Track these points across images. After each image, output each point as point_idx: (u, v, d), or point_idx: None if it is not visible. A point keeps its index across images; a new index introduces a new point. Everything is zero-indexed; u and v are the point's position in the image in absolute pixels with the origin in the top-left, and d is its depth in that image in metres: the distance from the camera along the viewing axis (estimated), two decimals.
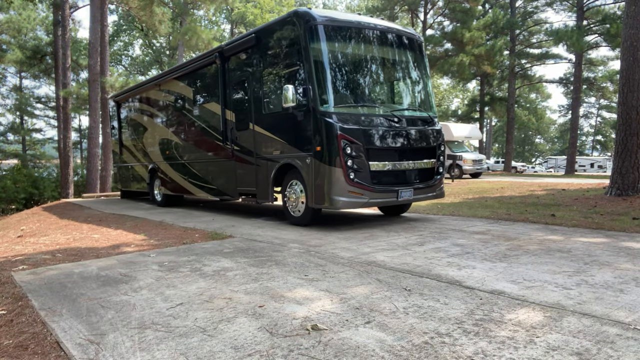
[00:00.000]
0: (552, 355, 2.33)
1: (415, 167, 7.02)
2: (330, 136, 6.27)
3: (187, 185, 10.40)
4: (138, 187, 13.27)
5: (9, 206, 24.46)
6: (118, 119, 14.23)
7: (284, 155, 7.15)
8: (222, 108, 8.70)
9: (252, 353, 2.46)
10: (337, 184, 6.26)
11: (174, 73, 10.69)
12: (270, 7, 32.25)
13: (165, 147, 11.28)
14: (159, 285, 3.86)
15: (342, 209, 6.65)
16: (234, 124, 8.45)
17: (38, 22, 30.26)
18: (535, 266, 4.21)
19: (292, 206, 7.20)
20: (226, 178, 8.88)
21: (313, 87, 6.44)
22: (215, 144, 9.11)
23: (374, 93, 7.52)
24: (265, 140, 7.58)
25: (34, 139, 40.72)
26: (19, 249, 6.17)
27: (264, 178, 7.64)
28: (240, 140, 8.27)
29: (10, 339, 2.84)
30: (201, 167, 9.78)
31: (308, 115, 6.54)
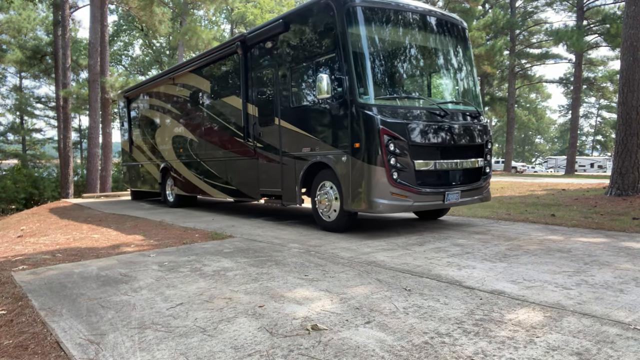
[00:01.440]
0: (552, 355, 2.33)
1: (463, 167, 6.36)
2: (371, 131, 5.64)
3: (202, 186, 9.81)
4: (149, 187, 12.66)
5: (9, 206, 24.46)
6: (128, 115, 13.58)
7: (315, 153, 6.49)
8: (244, 102, 8.05)
9: (252, 353, 2.45)
10: (378, 185, 5.64)
11: (190, 65, 9.99)
12: (270, 7, 32.26)
13: (179, 145, 10.64)
14: (159, 285, 3.86)
15: (384, 213, 6.06)
16: (256, 119, 7.79)
17: (38, 22, 30.26)
18: (535, 266, 4.21)
19: (324, 210, 6.54)
20: (247, 178, 8.25)
21: (351, 76, 5.81)
22: (235, 140, 8.46)
23: (416, 83, 6.89)
24: (293, 136, 6.91)
25: (34, 139, 40.73)
26: (19, 249, 6.17)
27: (291, 178, 7.01)
28: (264, 136, 7.62)
29: (10, 339, 2.84)
30: (219, 166, 9.17)
31: (344, 108, 5.92)
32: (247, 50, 8.02)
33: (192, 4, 25.88)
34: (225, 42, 8.81)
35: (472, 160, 6.52)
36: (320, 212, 6.64)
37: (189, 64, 10.04)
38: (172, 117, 10.97)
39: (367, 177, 5.69)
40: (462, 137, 6.42)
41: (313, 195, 6.72)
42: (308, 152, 6.64)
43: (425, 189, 5.91)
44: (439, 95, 6.89)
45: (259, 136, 7.75)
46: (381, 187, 5.66)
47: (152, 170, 12.25)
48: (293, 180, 6.97)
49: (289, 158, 7.07)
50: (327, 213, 6.50)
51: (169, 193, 11.41)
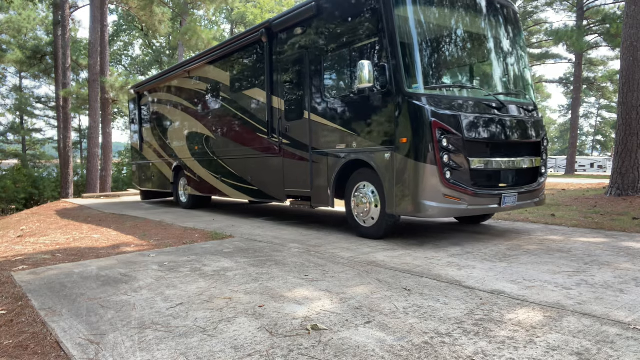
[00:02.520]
0: (552, 355, 2.33)
1: (520, 166, 5.76)
2: (421, 124, 5.04)
3: (219, 186, 9.16)
4: (160, 187, 11.99)
5: (9, 206, 24.46)
6: (138, 111, 12.85)
7: (352, 150, 5.90)
8: (268, 95, 7.46)
9: (252, 353, 2.46)
10: (428, 186, 5.05)
11: (207, 57, 9.33)
12: (270, 7, 32.26)
13: (194, 142, 10.01)
14: (159, 285, 3.86)
15: (433, 217, 5.54)
16: (282, 113, 7.18)
17: (38, 22, 30.25)
18: (535, 266, 4.21)
19: (362, 214, 5.90)
20: (270, 177, 7.62)
21: (397, 63, 5.21)
22: (257, 137, 7.86)
23: (468, 72, 6.32)
24: (326, 131, 6.32)
25: (34, 139, 40.72)
26: (19, 249, 6.17)
27: (322, 178, 6.41)
28: (291, 132, 7.01)
29: (10, 339, 2.84)
30: (238, 165, 8.53)
31: (389, 98, 5.33)
32: (272, 37, 7.39)
33: (192, 4, 25.88)
34: (248, 30, 8.14)
35: (529, 158, 5.90)
36: (357, 216, 6.01)
37: (206, 56, 9.41)
38: (187, 113, 10.33)
39: (415, 176, 5.11)
40: (520, 133, 5.81)
41: (348, 197, 6.10)
42: (343, 149, 6.05)
43: (481, 191, 5.30)
44: (493, 85, 6.19)
45: (285, 132, 7.14)
46: (432, 188, 5.06)
47: (163, 169, 11.63)
48: (324, 180, 6.39)
49: (319, 155, 6.46)
50: (365, 217, 5.86)
51: (182, 193, 10.85)
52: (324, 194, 6.43)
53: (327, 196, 6.35)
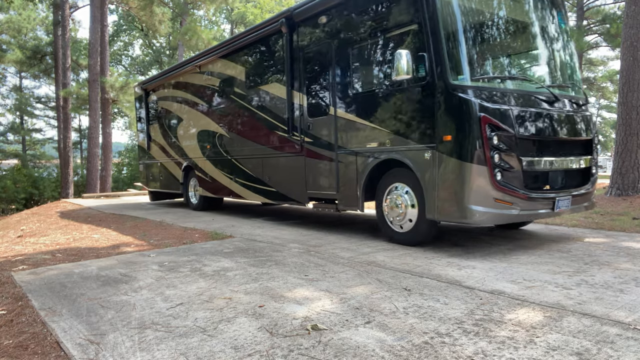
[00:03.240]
0: (552, 355, 2.33)
1: (573, 167, 5.26)
2: (468, 120, 4.54)
3: (233, 187, 8.68)
4: (169, 188, 11.51)
5: (9, 206, 24.47)
6: (146, 109, 12.37)
7: (385, 149, 5.41)
8: (288, 90, 6.95)
9: (252, 353, 2.46)
10: (476, 189, 4.53)
11: (219, 50, 8.80)
12: (270, 7, 32.27)
13: (206, 141, 9.49)
14: (159, 285, 3.86)
15: (481, 224, 4.89)
16: (304, 110, 6.68)
17: (38, 22, 30.25)
18: (535, 266, 4.21)
19: (396, 218, 5.39)
20: (291, 178, 7.12)
21: (440, 51, 4.73)
22: (275, 135, 7.37)
23: (516, 62, 5.88)
24: (354, 128, 5.84)
25: (34, 139, 40.71)
26: (19, 249, 6.17)
27: (350, 179, 5.93)
28: (314, 129, 6.51)
29: (10, 339, 2.84)
30: (254, 165, 8.00)
31: (430, 91, 4.83)
32: (293, 28, 6.83)
33: (192, 4, 25.87)
34: (266, 20, 7.58)
35: (582, 158, 5.39)
36: (390, 220, 5.50)
37: (219, 49, 8.88)
38: (198, 110, 9.80)
39: (461, 178, 4.58)
40: (573, 130, 5.32)
41: (379, 199, 5.61)
42: (375, 148, 5.56)
43: (534, 194, 4.79)
44: (543, 76, 5.70)
45: (307, 129, 6.63)
46: (480, 191, 4.55)
47: (172, 169, 11.14)
48: (353, 182, 5.88)
49: (347, 155, 5.96)
50: (400, 222, 5.35)
51: (192, 194, 10.39)
52: (352, 197, 5.93)
53: (356, 199, 5.85)
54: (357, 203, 5.87)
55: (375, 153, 5.57)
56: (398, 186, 5.39)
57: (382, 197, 5.59)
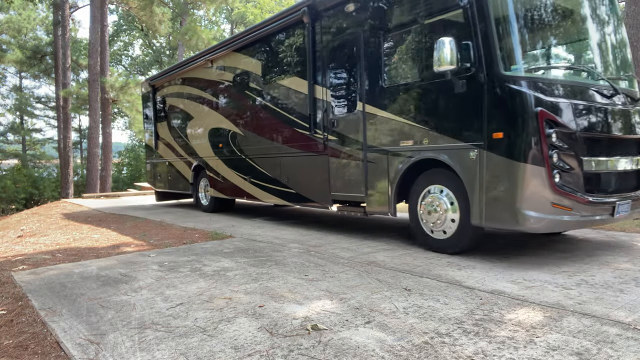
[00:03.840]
0: (552, 355, 2.33)
1: (633, 168, 4.81)
2: (524, 115, 4.10)
3: (247, 187, 8.20)
4: (178, 188, 11.06)
5: (9, 206, 24.47)
6: (154, 106, 11.86)
7: (422, 147, 4.96)
8: (310, 84, 6.48)
9: (252, 353, 2.46)
10: (532, 192, 4.09)
11: (233, 43, 8.34)
12: (270, 7, 32.28)
13: (218, 139, 9.03)
14: (159, 285, 3.86)
15: (537, 231, 4.32)
16: (328, 105, 6.22)
17: (38, 22, 30.25)
18: (535, 266, 4.21)
19: (434, 223, 4.91)
20: (312, 179, 6.65)
21: (490, 39, 4.28)
22: (295, 132, 6.89)
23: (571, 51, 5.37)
24: (386, 125, 5.39)
25: (34, 139, 40.70)
26: (19, 249, 6.17)
27: (381, 180, 5.47)
28: (340, 126, 6.05)
29: (10, 339, 2.84)
30: (271, 164, 7.54)
31: (477, 83, 4.37)
32: (316, 17, 6.37)
33: (192, 4, 25.87)
34: (285, 10, 7.14)
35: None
36: (427, 226, 5.04)
37: (233, 42, 8.41)
38: (209, 107, 9.32)
39: (514, 179, 4.13)
40: (635, 127, 4.87)
41: (413, 203, 5.18)
42: (410, 147, 5.10)
43: (594, 198, 4.32)
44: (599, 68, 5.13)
45: (331, 126, 6.18)
46: (536, 195, 4.10)
47: (182, 169, 10.66)
48: (384, 183, 5.44)
49: (377, 154, 5.51)
50: (439, 228, 4.88)
51: (203, 195, 9.99)
52: (382, 200, 5.49)
53: (387, 202, 5.40)
54: (387, 206, 5.41)
55: (411, 152, 5.10)
56: (436, 188, 4.92)
57: (416, 201, 5.13)
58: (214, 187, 9.34)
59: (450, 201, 4.77)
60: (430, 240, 5.02)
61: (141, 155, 34.22)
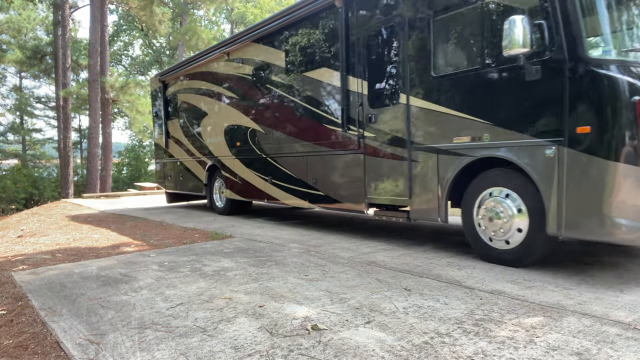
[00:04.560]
0: (552, 355, 2.33)
1: None
2: (617, 105, 3.53)
3: (268, 189, 7.62)
4: (190, 189, 10.47)
5: (9, 206, 24.47)
6: (164, 103, 11.24)
7: (482, 144, 4.33)
8: (343, 75, 5.91)
9: (252, 353, 2.46)
10: (626, 196, 3.55)
11: (254, 33, 7.69)
12: (270, 7, 32.30)
13: (235, 137, 8.47)
14: (159, 285, 3.86)
15: (632, 243, 3.71)
16: (364, 98, 5.66)
17: (38, 22, 30.25)
18: (535, 266, 4.21)
19: (496, 231, 4.28)
20: (344, 180, 6.07)
21: (573, 15, 3.69)
22: (325, 129, 6.33)
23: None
24: (436, 119, 4.78)
25: (34, 139, 40.71)
26: (19, 249, 6.17)
27: (429, 182, 4.88)
28: (378, 122, 5.49)
29: (10, 339, 2.84)
30: (296, 164, 6.96)
31: (556, 68, 3.78)
32: (350, 0, 5.83)
33: (192, 4, 25.88)
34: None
35: None
36: (487, 235, 4.41)
37: (253, 32, 7.77)
38: (226, 103, 8.73)
39: (603, 181, 3.58)
40: None
41: (468, 207, 4.57)
42: (466, 144, 4.48)
43: None
44: None
45: (368, 122, 5.61)
46: (630, 200, 3.55)
47: (194, 169, 10.09)
48: (432, 185, 4.85)
49: (425, 152, 4.92)
50: (502, 237, 4.25)
51: (218, 197, 9.45)
52: (430, 204, 4.90)
53: (436, 207, 4.82)
54: (437, 211, 4.82)
55: (467, 150, 4.48)
56: (499, 191, 4.29)
57: (472, 205, 4.53)
58: (230, 188, 8.81)
59: (517, 207, 4.14)
60: (492, 251, 4.41)
61: (141, 156, 34.24)
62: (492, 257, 4.40)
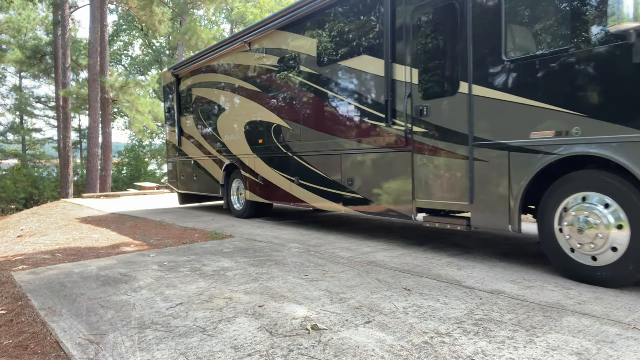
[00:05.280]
0: (552, 355, 2.33)
1: None
2: None
3: (295, 191, 6.99)
4: (205, 190, 9.80)
5: (9, 206, 24.48)
6: (177, 99, 10.58)
7: (570, 140, 3.70)
8: (388, 63, 5.25)
9: (252, 353, 2.46)
10: None
11: (279, 20, 7.06)
12: (270, 7, 32.30)
13: (257, 135, 7.86)
14: (159, 285, 3.86)
15: None
16: (414, 89, 4.99)
17: (38, 22, 30.26)
18: (535, 266, 4.21)
19: (586, 245, 3.64)
20: (388, 181, 5.42)
21: None
22: (364, 124, 5.68)
23: None
24: (507, 111, 4.09)
25: (34, 139, 40.73)
26: (19, 249, 6.17)
27: (497, 183, 4.19)
28: (431, 115, 4.80)
29: (10, 339, 2.84)
30: (329, 164, 6.29)
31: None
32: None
33: (192, 4, 25.88)
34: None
35: None
36: (572, 247, 3.76)
37: (279, 19, 7.13)
38: (247, 97, 8.11)
39: None
40: None
41: (547, 214, 3.93)
42: (549, 139, 3.83)
43: None
44: None
45: (419, 115, 4.94)
46: None
47: (210, 168, 9.48)
48: (502, 188, 4.15)
49: (491, 150, 4.24)
50: (593, 251, 3.61)
51: (235, 199, 8.83)
52: (499, 210, 4.19)
53: (507, 213, 4.13)
54: (507, 219, 4.13)
55: (550, 147, 3.83)
56: (594, 198, 3.62)
57: (553, 213, 3.89)
58: (250, 189, 8.18)
59: (615, 216, 3.46)
60: (579, 268, 3.71)
61: (141, 156, 34.25)
62: (581, 276, 3.70)
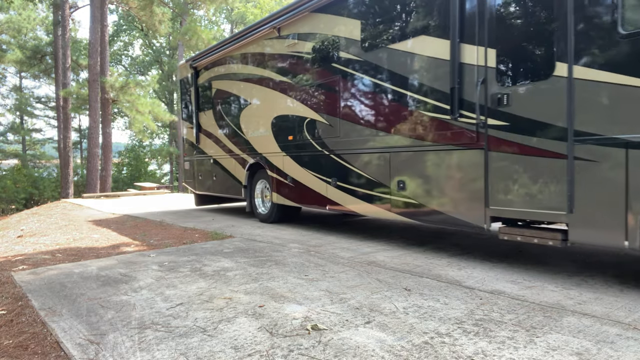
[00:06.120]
0: (552, 355, 2.33)
1: None
2: None
3: (331, 194, 6.17)
4: (225, 191, 9.04)
5: (9, 206, 24.48)
6: (195, 93, 9.78)
7: None
8: (455, 43, 4.42)
9: (252, 353, 2.46)
10: None
11: (314, 1, 6.27)
12: (270, 7, 32.30)
13: (287, 130, 7.04)
14: (159, 285, 3.86)
15: None
16: (489, 73, 4.18)
17: (38, 22, 30.25)
18: (535, 266, 4.21)
19: None
20: (451, 184, 4.59)
21: None
22: (421, 117, 4.86)
23: None
24: (628, 99, 3.31)
25: (34, 139, 40.74)
26: (19, 249, 6.17)
27: (608, 189, 3.41)
28: (515, 104, 3.98)
29: (10, 339, 2.84)
30: (374, 163, 5.50)
31: None
32: None
33: (192, 4, 25.87)
34: None
35: None
36: None
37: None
38: (275, 88, 7.32)
39: None
40: None
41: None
42: None
43: None
44: None
45: (496, 104, 4.13)
46: None
47: (232, 168, 8.70)
48: (616, 195, 3.37)
49: (602, 147, 3.44)
50: None
51: (260, 201, 8.10)
52: (611, 221, 3.41)
53: (622, 226, 3.33)
54: (623, 233, 3.32)
55: None
56: None
57: None
58: (278, 191, 7.40)
59: None
60: None
61: (141, 156, 34.26)
62: None
